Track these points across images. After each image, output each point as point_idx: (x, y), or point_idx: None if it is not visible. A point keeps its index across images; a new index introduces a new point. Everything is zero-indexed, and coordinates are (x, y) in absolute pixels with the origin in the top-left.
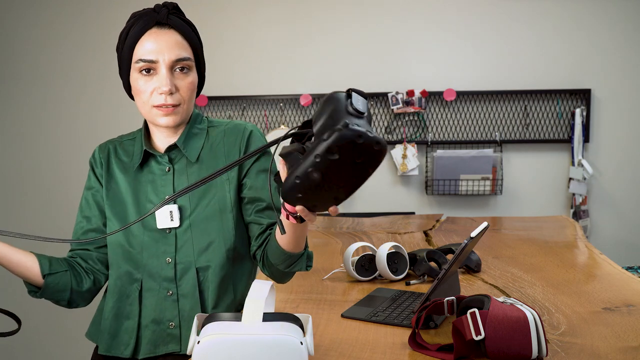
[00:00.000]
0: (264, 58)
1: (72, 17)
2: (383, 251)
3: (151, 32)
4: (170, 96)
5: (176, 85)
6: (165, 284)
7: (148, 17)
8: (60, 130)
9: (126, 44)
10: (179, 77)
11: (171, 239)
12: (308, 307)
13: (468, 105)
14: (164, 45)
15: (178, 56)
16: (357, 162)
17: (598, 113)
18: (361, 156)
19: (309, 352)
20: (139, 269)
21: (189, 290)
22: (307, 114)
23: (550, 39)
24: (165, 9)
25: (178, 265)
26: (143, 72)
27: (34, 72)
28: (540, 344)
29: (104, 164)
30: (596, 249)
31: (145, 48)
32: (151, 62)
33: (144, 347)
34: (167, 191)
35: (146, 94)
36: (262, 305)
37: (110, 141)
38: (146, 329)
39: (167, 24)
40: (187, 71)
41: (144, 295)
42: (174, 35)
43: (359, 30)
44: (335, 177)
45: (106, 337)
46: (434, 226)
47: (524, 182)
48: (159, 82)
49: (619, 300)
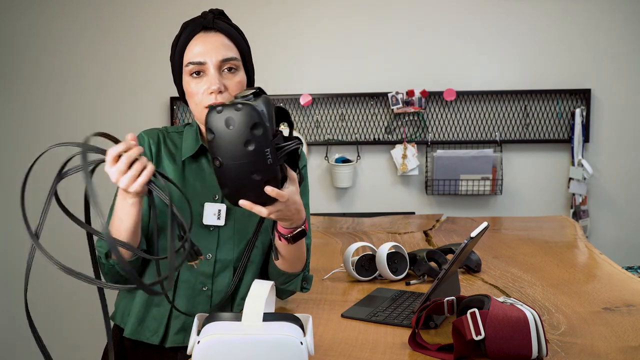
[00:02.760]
0: (264, 58)
1: (72, 17)
2: (383, 251)
3: (199, 36)
4: (220, 95)
5: (225, 84)
6: (202, 279)
7: (195, 24)
8: (60, 130)
9: (177, 51)
10: (227, 77)
11: (214, 236)
12: (308, 307)
13: (468, 105)
14: (211, 47)
15: (225, 56)
16: (230, 131)
17: (598, 113)
18: (231, 124)
19: (309, 352)
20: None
21: (224, 287)
22: (307, 113)
23: (550, 39)
24: (211, 14)
25: (217, 263)
26: (193, 75)
27: (34, 72)
28: (540, 344)
29: (153, 148)
30: (596, 249)
31: (194, 51)
32: (200, 64)
33: (172, 337)
34: (215, 189)
35: (198, 95)
36: (262, 305)
37: (156, 129)
38: (176, 319)
39: (213, 28)
40: (234, 71)
41: (179, 286)
42: (221, 37)
43: (359, 30)
44: (229, 154)
45: (133, 321)
46: (434, 226)
47: (524, 182)
48: (208, 83)
49: (619, 300)
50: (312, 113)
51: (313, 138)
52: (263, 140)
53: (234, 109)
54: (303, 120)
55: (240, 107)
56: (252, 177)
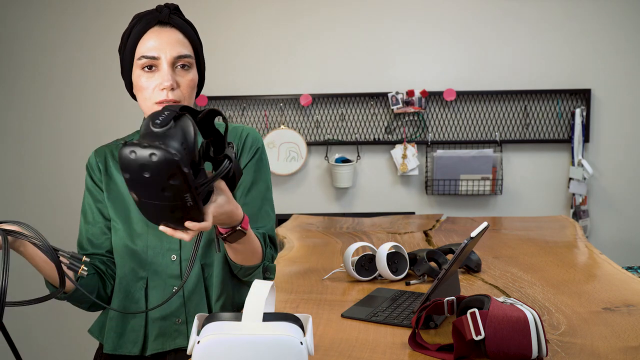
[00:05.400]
0: (264, 58)
1: (72, 17)
2: (383, 251)
3: (153, 30)
4: (171, 92)
5: (177, 81)
6: (171, 281)
7: (150, 17)
8: (61, 130)
9: (129, 43)
10: (180, 74)
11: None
12: (308, 307)
13: (468, 105)
14: (166, 42)
15: (179, 53)
16: (146, 177)
17: (598, 113)
18: (146, 171)
19: (309, 352)
20: (144, 267)
21: (195, 286)
22: (307, 113)
23: (550, 39)
24: (167, 9)
25: (183, 262)
26: (145, 69)
27: (34, 72)
28: (540, 344)
29: (101, 167)
30: (596, 249)
31: (148, 45)
32: (153, 58)
33: (151, 344)
34: None
35: (148, 90)
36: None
37: (106, 145)
38: (153, 325)
39: (169, 23)
40: (187, 68)
41: (149, 293)
42: (176, 33)
43: (359, 30)
44: (147, 195)
45: (112, 336)
46: (434, 226)
47: (524, 182)
48: (160, 78)
49: (619, 300)
50: (312, 113)
51: (313, 138)
52: (181, 187)
53: (148, 154)
54: (303, 120)
55: (156, 155)
56: (171, 214)
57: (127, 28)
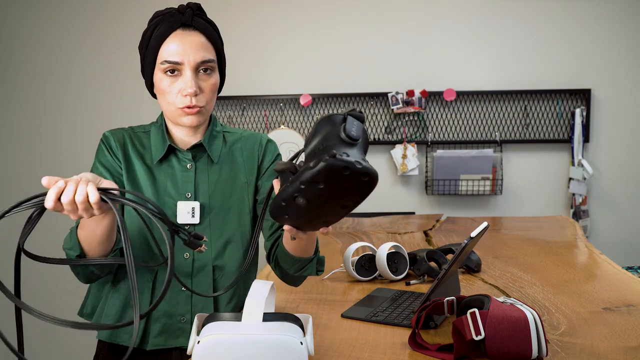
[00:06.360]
0: (264, 58)
1: (72, 17)
2: (383, 251)
3: (176, 33)
4: (195, 97)
5: (200, 87)
6: (181, 279)
7: (173, 19)
8: (61, 130)
9: (151, 44)
10: (203, 79)
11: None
12: (308, 307)
13: (468, 105)
14: (189, 47)
15: (203, 58)
16: (344, 191)
17: (598, 113)
18: (348, 186)
19: (309, 352)
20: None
21: (204, 287)
22: (307, 114)
23: (550, 39)
24: (190, 10)
25: (195, 262)
26: (168, 73)
27: (34, 72)
28: (540, 344)
29: (119, 148)
30: (596, 249)
31: (171, 50)
32: (176, 63)
33: (152, 339)
34: (188, 187)
35: (171, 94)
36: (262, 305)
37: (121, 129)
38: (157, 321)
39: (191, 26)
40: (210, 72)
41: (157, 287)
42: (199, 37)
43: (359, 30)
44: (322, 204)
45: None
46: (434, 226)
47: (524, 182)
48: (184, 84)
49: (619, 300)
50: (312, 113)
51: None
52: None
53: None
54: (303, 120)
55: (369, 175)
56: (328, 220)
57: (149, 27)
